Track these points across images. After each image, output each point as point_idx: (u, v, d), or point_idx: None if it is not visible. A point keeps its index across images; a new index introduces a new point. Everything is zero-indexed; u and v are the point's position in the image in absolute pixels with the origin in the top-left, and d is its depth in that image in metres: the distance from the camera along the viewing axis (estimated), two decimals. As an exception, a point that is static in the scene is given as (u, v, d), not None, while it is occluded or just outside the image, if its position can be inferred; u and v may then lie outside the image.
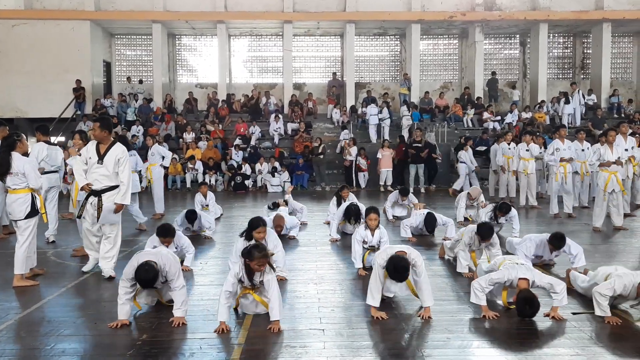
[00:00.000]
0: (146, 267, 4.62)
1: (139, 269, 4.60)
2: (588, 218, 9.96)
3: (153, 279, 4.64)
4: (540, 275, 4.91)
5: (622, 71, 23.25)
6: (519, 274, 4.85)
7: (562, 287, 4.81)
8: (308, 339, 4.35)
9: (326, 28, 22.17)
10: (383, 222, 9.44)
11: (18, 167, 6.00)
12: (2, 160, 6.01)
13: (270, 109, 20.37)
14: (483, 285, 4.88)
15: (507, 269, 4.94)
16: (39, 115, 19.80)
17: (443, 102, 21.27)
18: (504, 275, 4.90)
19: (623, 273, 4.88)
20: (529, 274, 4.87)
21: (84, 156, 6.20)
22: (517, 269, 4.91)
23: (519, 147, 12.26)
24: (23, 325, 4.72)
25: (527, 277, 4.82)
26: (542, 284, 4.83)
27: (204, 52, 23.06)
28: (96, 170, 6.11)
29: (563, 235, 6.17)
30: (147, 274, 4.59)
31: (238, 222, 10.50)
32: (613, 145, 9.05)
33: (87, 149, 6.24)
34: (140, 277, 4.59)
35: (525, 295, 4.68)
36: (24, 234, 6.01)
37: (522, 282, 4.80)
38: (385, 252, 4.96)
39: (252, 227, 5.84)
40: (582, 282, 5.42)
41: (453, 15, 20.59)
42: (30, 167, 6.16)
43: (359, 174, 16.67)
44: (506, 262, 5.13)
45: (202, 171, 16.66)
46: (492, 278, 4.92)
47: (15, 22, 19.91)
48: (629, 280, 4.73)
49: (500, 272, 4.96)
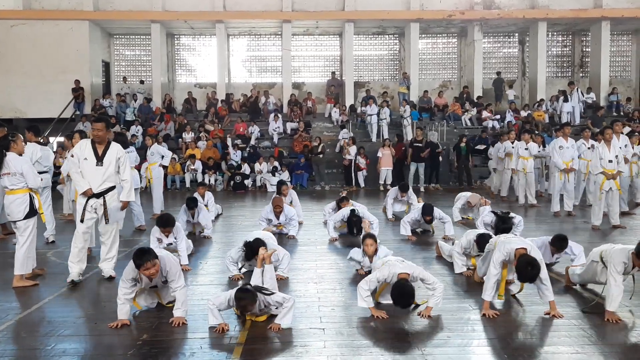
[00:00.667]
0: (143, 248, 4.64)
1: (136, 253, 4.58)
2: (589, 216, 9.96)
3: (148, 251, 4.60)
4: (536, 250, 4.98)
5: (620, 69, 23.26)
6: (515, 245, 4.92)
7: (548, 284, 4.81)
8: (308, 338, 4.36)
9: (325, 27, 22.17)
10: (382, 221, 9.48)
11: (16, 167, 5.98)
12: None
13: (270, 108, 20.37)
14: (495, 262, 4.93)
15: (502, 244, 5.02)
16: (38, 115, 19.79)
17: (442, 101, 21.28)
18: (503, 250, 4.95)
19: (618, 249, 4.92)
20: (526, 244, 4.95)
21: (77, 157, 5.99)
22: (513, 242, 5.01)
23: (518, 146, 12.29)
24: (23, 326, 4.72)
25: (524, 247, 4.89)
26: (537, 256, 4.85)
27: (203, 52, 23.06)
28: (95, 171, 6.00)
29: (565, 237, 6.13)
30: (142, 250, 4.60)
31: (237, 221, 10.51)
32: (610, 144, 9.07)
33: (80, 149, 6.02)
34: (136, 253, 4.56)
35: (525, 259, 4.71)
36: (24, 234, 5.99)
37: (520, 251, 4.86)
38: (388, 270, 4.92)
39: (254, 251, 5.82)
40: (580, 269, 5.52)
41: (452, 14, 20.59)
42: (29, 166, 6.14)
43: (358, 173, 16.67)
44: (501, 239, 5.22)
45: (201, 171, 16.66)
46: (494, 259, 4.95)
47: (14, 23, 19.90)
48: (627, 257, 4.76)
49: (497, 250, 5.00)
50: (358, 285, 4.94)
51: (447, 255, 6.85)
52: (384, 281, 4.94)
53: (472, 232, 6.42)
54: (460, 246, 6.27)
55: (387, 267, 4.96)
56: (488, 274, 4.96)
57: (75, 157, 6.02)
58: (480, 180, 16.61)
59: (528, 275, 4.68)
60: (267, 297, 4.59)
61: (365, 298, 4.84)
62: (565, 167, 10.63)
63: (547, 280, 4.77)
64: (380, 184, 16.10)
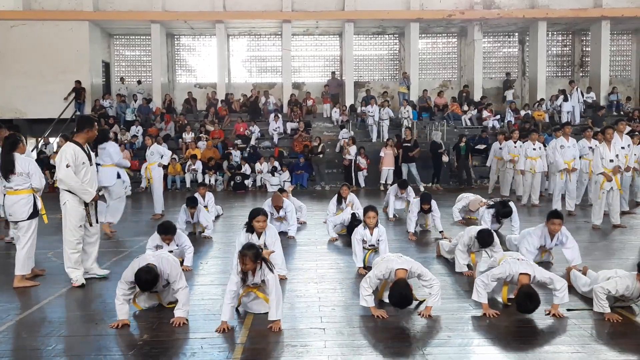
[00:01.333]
0: (146, 269, 4.62)
1: (139, 272, 4.59)
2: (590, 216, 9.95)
3: (153, 280, 4.64)
4: (541, 271, 4.92)
5: (620, 69, 23.26)
6: (520, 269, 4.86)
7: (562, 284, 4.82)
8: (309, 337, 4.36)
9: (325, 27, 22.17)
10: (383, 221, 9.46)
11: (22, 167, 5.95)
12: (7, 160, 5.95)
13: (270, 108, 20.37)
14: (485, 281, 4.90)
15: (508, 264, 4.95)
16: (38, 115, 19.85)
17: (442, 100, 21.27)
18: (505, 271, 4.91)
19: (623, 275, 4.90)
20: (530, 269, 4.88)
21: (74, 164, 5.80)
22: (518, 264, 4.92)
23: (525, 146, 12.19)
24: (24, 326, 4.72)
25: (528, 272, 4.84)
26: (543, 279, 4.84)
27: (203, 52, 23.06)
28: (88, 172, 5.97)
29: (557, 211, 6.41)
30: (147, 274, 4.59)
31: (238, 221, 10.50)
32: (611, 143, 9.07)
33: (75, 155, 5.82)
34: (140, 278, 4.58)
35: (526, 291, 4.67)
36: (26, 235, 5.97)
37: (523, 277, 4.82)
38: (385, 265, 4.93)
39: (252, 216, 5.89)
40: (584, 285, 5.40)
41: (452, 14, 20.59)
42: (35, 167, 6.09)
43: (358, 173, 16.68)
44: (506, 258, 5.13)
45: (201, 171, 16.66)
46: (494, 274, 4.93)
47: (14, 23, 19.90)
48: (632, 281, 4.74)
49: (502, 267, 4.96)
50: (360, 284, 4.95)
51: (446, 252, 6.87)
52: (383, 278, 4.94)
53: (472, 228, 6.43)
54: (462, 243, 6.27)
55: (385, 263, 4.97)
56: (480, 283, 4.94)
57: (71, 167, 5.78)
58: (481, 180, 16.62)
59: (527, 309, 4.68)
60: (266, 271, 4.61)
61: (365, 297, 4.85)
62: (565, 166, 10.62)
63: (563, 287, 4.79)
64: (381, 184, 16.10)
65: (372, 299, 4.90)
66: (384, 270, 4.91)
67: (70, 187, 5.81)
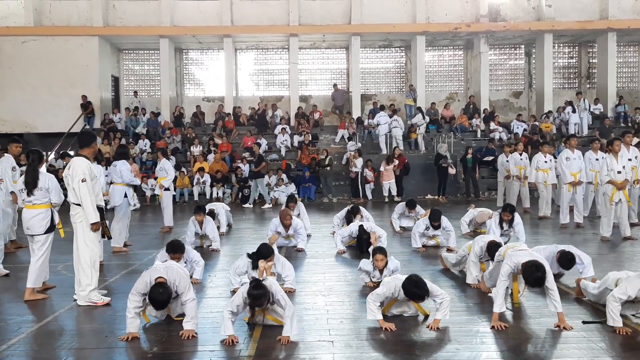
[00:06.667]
0: (160, 289, 4.67)
1: (153, 291, 4.64)
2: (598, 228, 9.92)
3: (166, 300, 4.71)
4: (545, 262, 4.97)
5: (628, 80, 23.23)
6: (523, 258, 4.93)
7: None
8: (317, 350, 4.37)
9: (331, 40, 22.34)
10: (390, 233, 9.48)
11: (43, 182, 6.04)
12: (33, 175, 6.01)
13: (277, 121, 20.48)
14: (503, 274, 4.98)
15: (509, 258, 5.04)
16: (48, 130, 20.07)
17: (449, 112, 21.30)
18: (511, 263, 4.98)
19: (634, 275, 4.89)
20: (534, 257, 4.95)
21: (91, 179, 5.80)
22: (521, 255, 5.02)
23: (537, 158, 12.10)
24: (36, 339, 4.77)
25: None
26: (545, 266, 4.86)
27: (211, 66, 23.27)
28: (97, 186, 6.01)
29: (572, 257, 5.98)
30: (161, 296, 4.65)
31: (245, 234, 10.55)
32: (618, 155, 9.05)
33: (90, 170, 5.83)
34: (154, 299, 4.64)
35: (531, 262, 4.77)
36: (42, 248, 6.02)
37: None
38: (395, 284, 4.93)
39: (261, 256, 5.87)
40: (593, 289, 5.43)
41: (458, 27, 20.68)
42: (55, 182, 6.18)
43: (365, 186, 16.69)
44: (509, 251, 5.23)
45: (209, 184, 16.73)
46: (505, 270, 4.99)
47: (25, 39, 20.20)
48: None
49: (507, 259, 5.03)
50: (367, 298, 4.96)
51: (452, 265, 6.87)
52: (392, 296, 4.96)
53: (482, 237, 6.44)
54: (474, 254, 6.27)
55: (394, 281, 4.98)
56: (497, 286, 4.98)
57: (86, 181, 5.74)
58: (489, 193, 16.59)
59: (533, 277, 4.71)
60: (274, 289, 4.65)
61: (373, 310, 4.86)
62: (572, 179, 10.60)
63: (554, 290, 4.78)
64: (385, 196, 16.12)
65: (380, 311, 4.91)
66: (393, 289, 4.92)
67: (84, 203, 5.74)
